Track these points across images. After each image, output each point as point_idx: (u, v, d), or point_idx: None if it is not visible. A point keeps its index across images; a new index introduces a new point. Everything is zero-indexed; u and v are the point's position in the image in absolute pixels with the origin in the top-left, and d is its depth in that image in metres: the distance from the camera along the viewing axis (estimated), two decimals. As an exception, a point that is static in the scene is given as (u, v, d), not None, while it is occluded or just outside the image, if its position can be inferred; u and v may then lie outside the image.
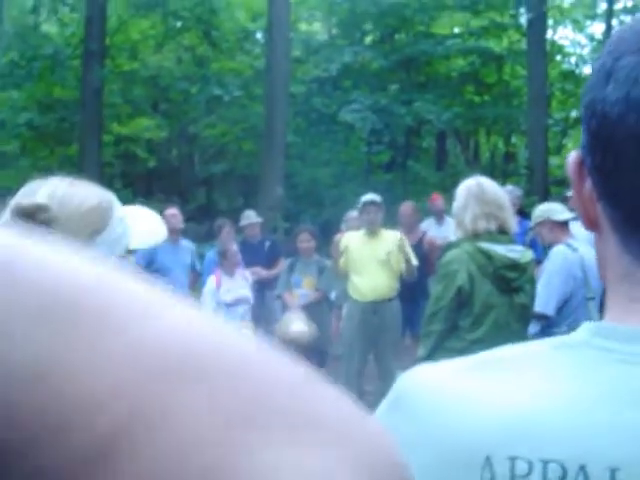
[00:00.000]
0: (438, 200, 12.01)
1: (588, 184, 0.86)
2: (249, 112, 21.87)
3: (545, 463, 0.76)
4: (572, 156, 0.88)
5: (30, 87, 21.03)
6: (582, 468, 0.74)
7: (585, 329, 0.84)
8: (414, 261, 8.14)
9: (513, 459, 0.77)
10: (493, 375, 0.84)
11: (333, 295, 9.46)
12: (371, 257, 8.05)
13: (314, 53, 22.95)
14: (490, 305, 4.63)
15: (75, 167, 19.56)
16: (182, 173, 25.46)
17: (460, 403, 0.83)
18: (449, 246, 5.05)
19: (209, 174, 24.35)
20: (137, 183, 24.70)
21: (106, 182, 20.33)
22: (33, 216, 1.47)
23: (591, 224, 0.88)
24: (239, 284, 8.61)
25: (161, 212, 9.11)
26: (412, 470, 0.83)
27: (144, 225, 1.78)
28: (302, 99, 21.84)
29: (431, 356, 4.78)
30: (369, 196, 8.24)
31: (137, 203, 12.12)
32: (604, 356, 0.80)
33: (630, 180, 0.80)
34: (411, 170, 24.19)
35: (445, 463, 0.81)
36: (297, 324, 8.08)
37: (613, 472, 0.73)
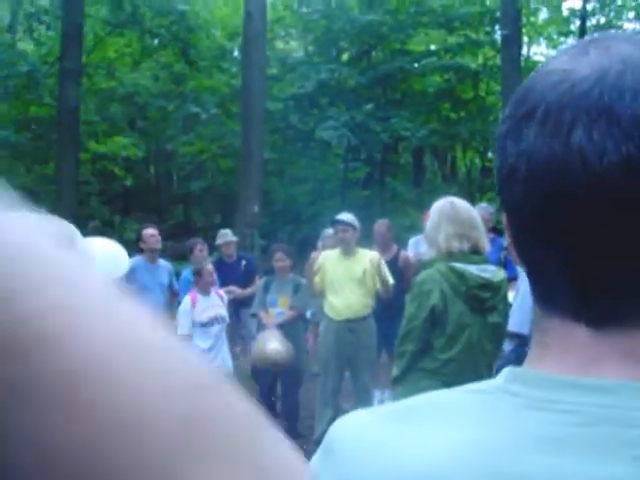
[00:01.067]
0: (428, 218, 12.04)
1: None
2: (226, 130, 21.90)
3: None
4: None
5: (6, 105, 20.95)
6: None
7: (503, 374, 0.86)
8: (390, 280, 8.15)
9: None
10: (410, 424, 0.85)
11: (309, 314, 9.46)
12: (346, 276, 8.06)
13: (290, 71, 23.01)
14: (463, 325, 4.64)
15: (52, 185, 19.52)
16: (160, 191, 25.42)
17: (376, 452, 0.84)
18: (423, 266, 5.06)
19: (187, 192, 24.32)
20: (114, 201, 24.61)
21: (83, 200, 20.32)
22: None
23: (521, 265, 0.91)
24: (214, 303, 8.58)
25: (139, 230, 9.11)
26: None
27: (110, 256, 1.80)
28: (279, 116, 21.88)
29: (404, 376, 4.79)
30: (342, 215, 8.25)
31: (114, 221, 12.12)
32: (514, 402, 0.80)
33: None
34: (388, 186, 24.25)
35: None
36: (273, 343, 8.08)
37: None
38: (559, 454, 0.74)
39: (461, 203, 4.77)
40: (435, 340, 4.72)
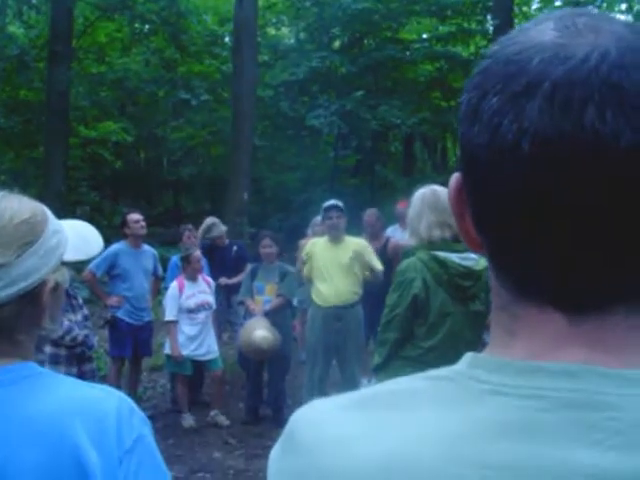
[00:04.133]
0: (403, 206, 12.06)
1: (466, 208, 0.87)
2: (217, 116, 21.85)
3: None
4: (454, 179, 0.87)
5: (-5, 88, 20.89)
6: None
7: (465, 359, 0.85)
8: (379, 267, 8.16)
9: None
10: (370, 412, 0.84)
11: (296, 301, 9.46)
12: (334, 263, 8.06)
13: (281, 57, 22.97)
14: (445, 313, 4.64)
15: (41, 170, 19.46)
16: (149, 177, 25.35)
17: (341, 439, 0.82)
18: (404, 254, 5.06)
19: (176, 178, 24.27)
20: (104, 187, 24.54)
21: (72, 185, 20.26)
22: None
23: (476, 247, 0.87)
24: (202, 289, 8.59)
25: (123, 215, 9.10)
26: None
27: (81, 237, 1.78)
28: (269, 103, 21.83)
29: (386, 364, 4.79)
30: (331, 202, 8.25)
31: (104, 207, 12.13)
32: (477, 387, 0.79)
33: (497, 224, 0.80)
34: (378, 175, 24.24)
35: None
36: (260, 331, 8.09)
37: None
38: (523, 439, 0.74)
39: (443, 191, 4.74)
40: (417, 328, 4.72)
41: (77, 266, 8.67)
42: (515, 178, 0.76)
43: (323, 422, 0.86)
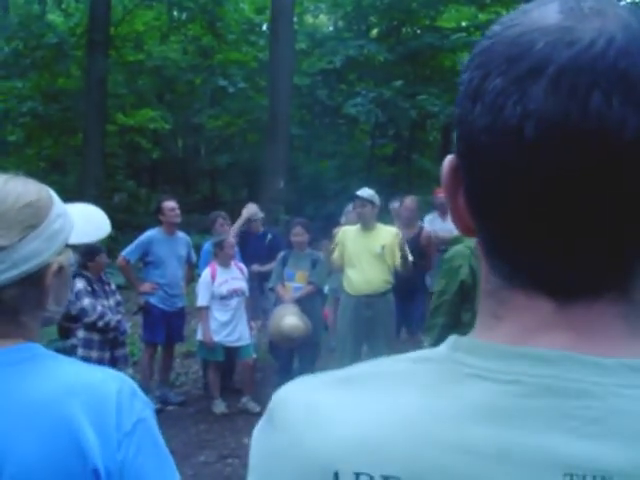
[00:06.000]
0: (442, 195, 12.03)
1: (462, 193, 0.85)
2: (253, 104, 21.88)
3: (385, 479, 0.76)
4: (448, 161, 0.86)
5: (34, 76, 21.04)
6: None
7: (448, 343, 0.85)
8: (410, 257, 8.13)
9: (357, 475, 0.77)
10: (352, 391, 0.84)
11: (326, 289, 9.46)
12: (365, 251, 8.05)
13: (319, 46, 22.92)
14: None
15: (79, 157, 19.63)
16: (186, 164, 25.47)
17: (318, 418, 0.83)
18: (453, 241, 5.12)
19: (213, 166, 24.34)
20: (141, 174, 24.71)
21: (110, 173, 20.42)
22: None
23: (468, 231, 0.86)
24: (234, 276, 8.61)
25: (159, 202, 9.14)
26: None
27: (88, 220, 1.79)
28: (306, 91, 21.81)
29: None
30: (361, 191, 8.24)
31: (140, 194, 12.21)
32: (459, 370, 0.79)
33: (493, 209, 0.79)
34: (415, 164, 24.19)
35: (300, 475, 0.82)
36: (290, 318, 8.10)
37: None
38: (500, 424, 0.74)
39: None
40: (464, 314, 4.79)
41: (114, 253, 8.74)
42: (516, 161, 0.74)
43: (305, 399, 0.87)
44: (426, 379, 0.81)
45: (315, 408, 0.84)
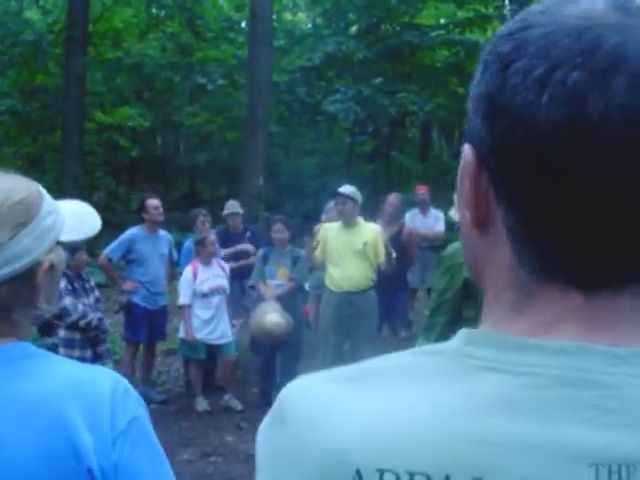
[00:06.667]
0: (423, 191, 12.09)
1: (485, 181, 0.83)
2: (232, 101, 21.83)
3: (411, 475, 0.75)
4: (469, 148, 0.84)
5: (12, 74, 20.91)
6: (447, 479, 0.74)
7: (460, 336, 0.84)
8: (393, 254, 8.16)
9: (381, 472, 0.76)
10: (365, 386, 0.83)
11: (307, 286, 9.46)
12: (347, 248, 8.06)
13: (298, 43, 22.92)
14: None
15: (57, 155, 19.52)
16: (165, 162, 25.38)
17: (333, 415, 0.82)
18: (452, 238, 5.09)
19: (193, 163, 24.27)
20: (120, 172, 24.60)
21: (88, 171, 20.32)
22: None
23: (477, 223, 0.85)
24: (216, 274, 8.60)
25: (142, 200, 9.12)
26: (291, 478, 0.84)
27: (78, 217, 1.78)
28: (285, 89, 21.78)
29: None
30: (343, 188, 8.25)
31: (119, 192, 12.16)
32: (472, 364, 0.79)
33: (535, 201, 0.78)
34: (395, 161, 24.20)
35: (319, 476, 0.80)
36: (272, 315, 8.09)
37: None
38: (519, 416, 0.74)
39: None
40: (466, 310, 4.75)
41: (94, 252, 8.70)
42: (589, 155, 0.74)
43: (312, 397, 0.85)
44: (440, 373, 0.81)
45: (329, 404, 0.83)
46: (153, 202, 8.97)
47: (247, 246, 9.94)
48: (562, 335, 0.78)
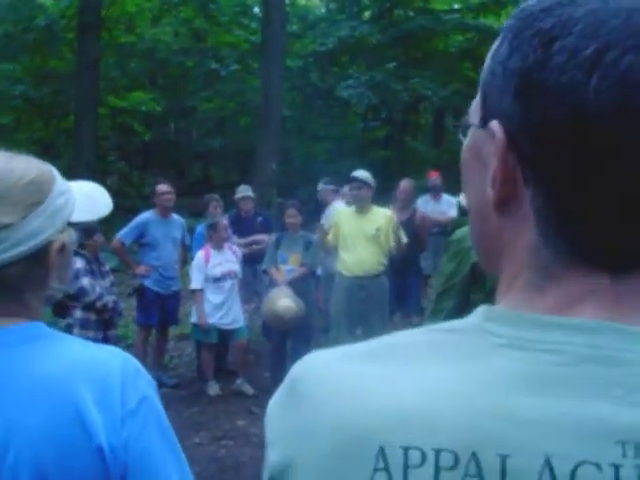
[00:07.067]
0: (435, 176, 12.07)
1: (512, 160, 0.81)
2: (246, 86, 21.80)
3: (437, 452, 0.74)
4: (497, 125, 0.82)
5: (25, 59, 20.91)
6: (473, 455, 0.73)
7: (479, 313, 0.83)
8: (404, 239, 8.16)
9: (406, 449, 0.75)
10: (386, 362, 0.82)
11: (319, 271, 9.46)
12: (359, 233, 8.07)
13: (311, 28, 22.86)
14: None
15: (71, 140, 19.55)
16: (179, 147, 25.39)
17: (354, 390, 0.80)
18: (459, 223, 5.06)
19: (206, 148, 24.27)
20: (133, 157, 24.63)
21: (102, 155, 20.34)
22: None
23: (501, 203, 0.83)
24: (228, 258, 8.60)
25: (153, 185, 9.14)
26: (308, 455, 0.82)
27: (90, 198, 1.78)
28: (299, 74, 21.74)
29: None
30: (358, 172, 8.26)
31: (132, 176, 12.17)
32: (493, 341, 0.78)
33: (579, 183, 0.76)
34: (408, 147, 24.14)
35: (338, 452, 0.79)
36: (284, 300, 8.10)
37: (504, 459, 0.72)
38: (545, 394, 0.73)
39: None
40: (474, 295, 4.71)
41: (107, 236, 8.72)
42: (637, 136, 0.73)
43: (330, 373, 0.84)
44: (460, 350, 0.80)
45: (348, 379, 0.82)
46: (162, 187, 9.04)
47: (260, 236, 9.92)
48: (584, 313, 0.77)
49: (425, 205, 11.35)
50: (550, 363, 0.75)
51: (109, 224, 9.83)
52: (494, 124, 0.82)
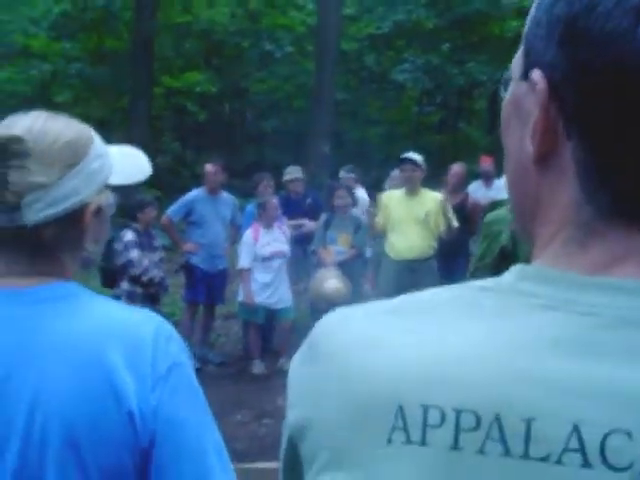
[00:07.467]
0: (487, 162, 11.98)
1: (554, 111, 0.78)
2: (300, 69, 21.80)
3: (458, 412, 0.71)
4: (538, 74, 0.79)
5: (82, 38, 21.11)
6: (497, 418, 0.70)
7: (513, 272, 0.79)
8: (455, 223, 8.10)
9: (426, 408, 0.73)
10: (410, 319, 0.79)
11: (369, 253, 9.43)
12: (409, 216, 8.03)
13: (367, 11, 22.76)
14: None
15: (125, 119, 19.71)
16: (233, 128, 25.47)
17: (374, 347, 0.78)
18: (494, 205, 5.12)
19: (259, 130, 24.33)
20: (187, 137, 24.75)
21: (156, 135, 20.46)
22: (7, 147, 1.47)
23: (541, 156, 0.80)
24: (277, 238, 8.61)
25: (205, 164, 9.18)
26: (326, 413, 0.80)
27: (128, 162, 1.78)
28: (354, 57, 21.69)
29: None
30: (410, 154, 8.21)
31: (186, 157, 12.28)
32: (527, 301, 0.75)
33: (624, 135, 0.73)
34: (462, 132, 24.00)
35: (356, 410, 0.77)
36: (331, 281, 8.09)
37: (529, 423, 0.69)
38: (575, 357, 0.70)
39: None
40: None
41: (158, 215, 8.80)
42: None
43: (350, 330, 0.82)
44: (491, 308, 0.76)
45: (368, 336, 0.80)
46: (208, 167, 9.12)
47: (306, 221, 9.83)
48: (625, 273, 0.73)
49: (476, 191, 11.27)
50: (586, 325, 0.71)
51: (162, 204, 9.92)
52: (536, 73, 0.79)
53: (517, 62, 0.87)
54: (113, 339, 1.48)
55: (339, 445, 0.78)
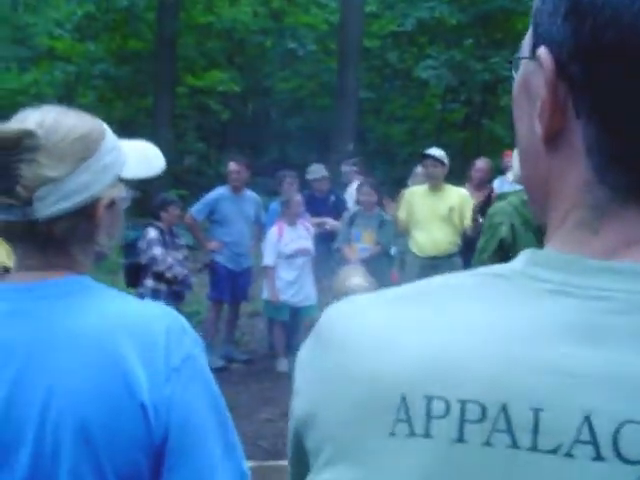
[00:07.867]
0: (510, 157, 11.95)
1: (562, 90, 0.76)
2: (323, 67, 21.81)
3: (463, 403, 0.70)
4: (546, 53, 0.77)
5: (106, 39, 21.22)
6: (503, 408, 0.68)
7: (522, 257, 0.78)
8: (479, 219, 8.07)
9: (429, 399, 0.71)
10: (418, 308, 0.78)
11: (393, 250, 9.41)
12: (433, 212, 8.02)
13: (389, 8, 22.70)
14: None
15: (149, 118, 19.81)
16: (256, 127, 25.50)
17: (378, 336, 0.77)
18: (497, 198, 5.08)
19: (283, 129, 24.35)
20: (211, 136, 24.80)
21: (180, 134, 20.53)
22: (19, 141, 1.46)
23: (550, 137, 0.78)
24: (301, 235, 8.61)
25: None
26: (330, 405, 0.79)
27: (142, 156, 1.77)
28: (377, 54, 21.66)
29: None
30: (432, 150, 8.19)
31: (210, 155, 12.39)
32: (536, 286, 0.73)
33: (633, 112, 0.71)
34: (486, 129, 23.89)
35: (358, 402, 0.75)
36: (355, 278, 8.07)
37: (537, 412, 0.67)
38: (588, 344, 0.68)
39: None
40: None
41: (182, 214, 8.83)
42: None
43: (357, 316, 0.81)
44: (500, 295, 0.75)
45: (374, 325, 0.78)
46: (230, 165, 9.13)
47: (330, 220, 9.81)
48: (639, 257, 0.72)
49: (501, 186, 11.21)
50: (599, 311, 0.69)
51: (186, 203, 9.95)
52: (542, 51, 0.77)
53: (526, 42, 0.85)
54: (126, 333, 1.48)
55: (343, 439, 0.77)
